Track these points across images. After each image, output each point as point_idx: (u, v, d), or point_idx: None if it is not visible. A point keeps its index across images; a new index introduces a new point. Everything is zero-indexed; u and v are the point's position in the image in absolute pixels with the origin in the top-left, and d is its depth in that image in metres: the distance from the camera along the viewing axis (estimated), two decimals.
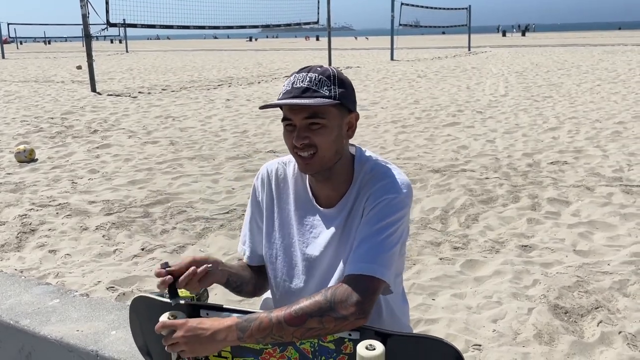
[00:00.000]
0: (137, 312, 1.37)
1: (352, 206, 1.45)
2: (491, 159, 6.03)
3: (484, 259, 3.51)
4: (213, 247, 3.80)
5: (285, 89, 1.40)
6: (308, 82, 1.37)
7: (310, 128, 1.37)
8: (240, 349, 1.29)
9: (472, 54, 26.62)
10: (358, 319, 1.22)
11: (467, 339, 2.60)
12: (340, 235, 1.46)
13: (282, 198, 1.55)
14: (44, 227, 4.22)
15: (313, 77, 1.38)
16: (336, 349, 1.22)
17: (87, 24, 12.95)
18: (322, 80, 1.38)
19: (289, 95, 1.37)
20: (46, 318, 2.13)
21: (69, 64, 25.47)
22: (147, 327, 1.37)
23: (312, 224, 1.50)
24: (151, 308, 1.33)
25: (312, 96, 1.35)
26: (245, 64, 23.73)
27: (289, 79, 1.42)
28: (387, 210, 1.37)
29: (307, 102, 1.34)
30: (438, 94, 11.46)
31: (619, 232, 3.90)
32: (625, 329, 2.67)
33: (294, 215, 1.52)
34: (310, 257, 1.49)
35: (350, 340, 1.20)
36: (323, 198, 1.49)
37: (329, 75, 1.40)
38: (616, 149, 6.29)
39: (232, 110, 10.00)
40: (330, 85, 1.39)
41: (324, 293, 1.26)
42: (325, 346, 1.23)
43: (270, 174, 1.58)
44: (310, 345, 1.24)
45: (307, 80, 1.38)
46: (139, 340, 1.40)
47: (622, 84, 12.23)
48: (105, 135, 7.81)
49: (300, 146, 1.38)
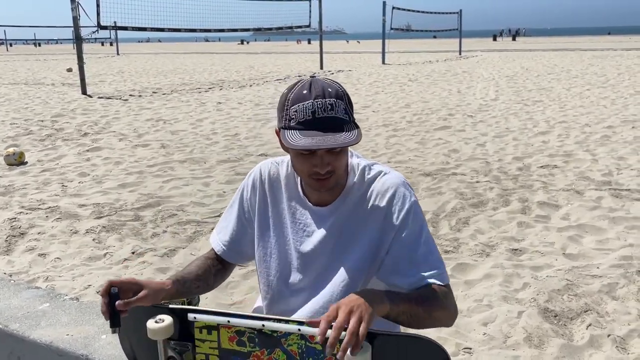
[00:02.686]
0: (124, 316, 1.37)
1: (355, 208, 1.47)
2: (482, 162, 6.06)
3: (474, 262, 3.53)
4: (204, 250, 3.75)
5: (304, 117, 1.31)
6: (331, 111, 1.31)
7: (330, 153, 1.35)
8: (227, 352, 1.29)
9: (463, 58, 26.76)
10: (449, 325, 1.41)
11: (457, 342, 2.61)
12: (339, 235, 1.47)
13: (276, 197, 1.55)
14: (34, 231, 4.19)
15: (334, 103, 1.32)
16: (323, 349, 1.23)
17: (78, 26, 12.89)
18: (340, 105, 1.34)
19: (311, 126, 1.30)
20: (36, 322, 2.11)
21: (60, 66, 25.34)
22: (132, 329, 1.36)
23: (305, 222, 1.51)
24: (137, 312, 1.32)
25: (338, 127, 1.31)
26: (236, 66, 23.72)
27: (304, 106, 1.32)
28: (417, 218, 1.44)
29: (344, 141, 1.29)
30: (429, 98, 11.51)
31: (608, 235, 3.94)
32: (614, 332, 2.69)
33: (287, 214, 1.53)
34: (304, 254, 1.50)
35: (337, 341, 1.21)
36: (315, 197, 1.50)
37: (342, 96, 1.35)
38: (605, 153, 6.35)
39: (224, 113, 9.99)
40: (346, 106, 1.35)
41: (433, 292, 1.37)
42: (313, 347, 1.24)
43: (263, 174, 1.58)
44: (298, 346, 1.25)
45: (328, 108, 1.31)
46: (126, 344, 1.39)
47: (612, 89, 12.34)
48: (95, 138, 7.77)
49: (324, 173, 1.36)
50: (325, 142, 1.29)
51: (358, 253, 1.47)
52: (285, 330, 1.24)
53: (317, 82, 1.36)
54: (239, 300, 3.10)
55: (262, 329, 1.25)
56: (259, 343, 1.27)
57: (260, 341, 1.26)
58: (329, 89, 1.34)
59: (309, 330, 1.23)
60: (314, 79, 1.37)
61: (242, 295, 3.14)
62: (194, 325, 1.30)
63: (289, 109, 1.35)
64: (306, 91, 1.34)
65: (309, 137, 1.30)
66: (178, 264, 3.60)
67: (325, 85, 1.35)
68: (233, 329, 1.27)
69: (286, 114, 1.35)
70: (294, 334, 1.24)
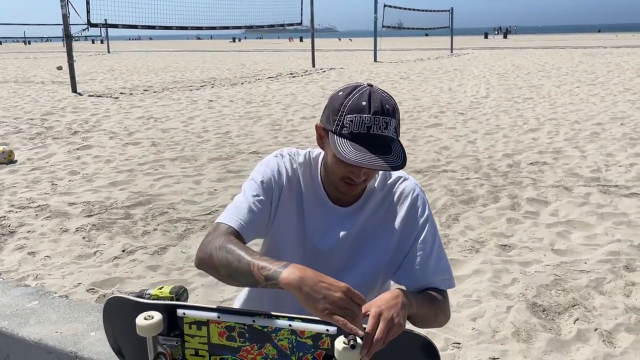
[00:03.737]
0: (111, 313, 1.37)
1: (376, 211, 1.49)
2: (472, 159, 6.09)
3: (464, 258, 3.55)
4: (194, 248, 3.79)
5: (359, 130, 1.30)
6: (385, 130, 1.31)
7: None
8: (217, 347, 1.30)
9: (454, 56, 26.83)
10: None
11: (446, 337, 2.63)
12: (358, 235, 1.49)
13: (298, 190, 1.51)
14: (23, 229, 4.18)
15: (389, 123, 1.31)
16: (314, 344, 1.23)
17: (68, 24, 12.81)
18: (393, 123, 1.33)
19: (364, 141, 1.29)
20: (25, 320, 2.11)
21: (49, 64, 25.17)
22: (120, 327, 1.36)
23: (324, 220, 1.50)
24: (125, 309, 1.33)
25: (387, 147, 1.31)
26: (228, 64, 23.66)
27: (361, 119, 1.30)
28: (432, 225, 1.49)
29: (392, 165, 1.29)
30: (420, 96, 11.54)
31: (596, 231, 3.97)
32: (601, 326, 2.72)
33: (307, 210, 1.50)
34: (321, 252, 1.49)
35: (327, 336, 1.22)
36: (336, 196, 1.49)
37: (396, 113, 1.34)
38: (594, 149, 6.39)
39: (215, 111, 9.97)
40: (397, 124, 1.35)
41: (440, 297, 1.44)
42: (303, 342, 1.24)
43: (293, 163, 1.52)
44: (288, 341, 1.25)
45: (383, 127, 1.30)
46: (110, 338, 1.40)
47: (601, 86, 12.42)
48: (85, 137, 7.74)
49: (359, 182, 1.38)
50: (375, 163, 1.28)
51: (376, 255, 1.49)
52: (276, 326, 1.24)
53: (376, 94, 1.34)
54: (230, 297, 3.10)
55: (252, 325, 1.26)
56: (249, 338, 1.27)
57: (251, 336, 1.27)
58: (387, 106, 1.32)
59: (300, 326, 1.23)
60: (373, 90, 1.35)
61: (232, 293, 3.14)
62: (183, 320, 1.30)
63: (344, 116, 1.32)
64: (365, 102, 1.31)
65: (360, 152, 1.29)
66: (168, 261, 3.60)
67: (383, 101, 1.33)
68: (223, 324, 1.28)
69: (340, 120, 1.33)
70: (284, 329, 1.24)
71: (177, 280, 3.31)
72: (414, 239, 1.47)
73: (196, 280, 3.30)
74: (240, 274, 1.26)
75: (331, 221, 1.50)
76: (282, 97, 11.85)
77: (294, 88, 13.37)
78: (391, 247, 1.49)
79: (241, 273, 1.25)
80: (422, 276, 1.45)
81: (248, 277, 1.25)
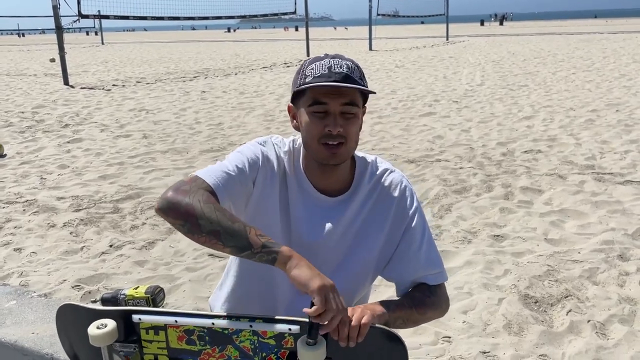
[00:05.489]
0: (64, 320, 1.32)
1: (364, 202, 1.45)
2: (466, 148, 6.03)
3: (455, 249, 3.50)
4: (184, 242, 3.73)
5: (320, 72, 1.33)
6: (347, 69, 1.34)
7: (343, 117, 1.34)
8: (176, 351, 1.25)
9: (450, 44, 26.69)
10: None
11: (436, 331, 2.58)
12: (347, 228, 1.44)
13: (283, 178, 1.45)
14: (10, 225, 4.11)
15: (350, 65, 1.35)
16: (277, 344, 1.20)
17: (58, 15, 12.67)
18: (356, 71, 1.36)
19: (328, 79, 1.31)
20: (1, 321, 2.06)
21: (43, 56, 24.99)
22: (73, 334, 1.31)
23: (312, 211, 1.44)
24: (78, 316, 1.28)
25: (354, 81, 1.34)
26: (222, 55, 23.51)
27: (321, 63, 1.35)
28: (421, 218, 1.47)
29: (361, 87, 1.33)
30: (415, 84, 11.46)
31: (590, 220, 3.92)
32: (594, 317, 2.67)
33: (293, 199, 1.44)
34: (308, 244, 1.42)
35: (290, 335, 1.18)
36: (322, 186, 1.44)
37: (357, 65, 1.39)
38: (589, 137, 6.34)
39: (208, 102, 9.88)
40: (361, 74, 1.39)
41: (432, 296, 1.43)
42: (266, 342, 1.20)
43: (279, 151, 1.47)
44: (250, 342, 1.21)
45: (345, 67, 1.34)
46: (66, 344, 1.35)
47: (597, 72, 12.35)
48: (76, 130, 7.66)
49: (335, 133, 1.33)
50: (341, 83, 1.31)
51: (365, 248, 1.45)
52: (236, 327, 1.20)
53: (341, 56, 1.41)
54: None
55: (211, 327, 1.21)
56: (209, 341, 1.23)
57: (211, 339, 1.22)
58: (345, 58, 1.39)
59: (261, 326, 1.19)
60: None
61: None
62: (139, 326, 1.25)
63: (305, 68, 1.37)
64: (323, 55, 1.40)
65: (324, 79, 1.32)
66: (156, 256, 3.55)
67: (341, 56, 1.40)
68: (181, 328, 1.23)
69: (302, 74, 1.37)
70: (245, 330, 1.20)
71: (165, 276, 3.26)
72: (404, 230, 1.45)
73: (183, 276, 3.25)
74: (231, 234, 1.20)
75: (317, 211, 1.44)
76: (276, 87, 11.76)
77: (288, 78, 13.26)
78: (381, 240, 1.45)
79: (232, 233, 1.20)
80: (413, 269, 1.43)
81: (239, 239, 1.20)
